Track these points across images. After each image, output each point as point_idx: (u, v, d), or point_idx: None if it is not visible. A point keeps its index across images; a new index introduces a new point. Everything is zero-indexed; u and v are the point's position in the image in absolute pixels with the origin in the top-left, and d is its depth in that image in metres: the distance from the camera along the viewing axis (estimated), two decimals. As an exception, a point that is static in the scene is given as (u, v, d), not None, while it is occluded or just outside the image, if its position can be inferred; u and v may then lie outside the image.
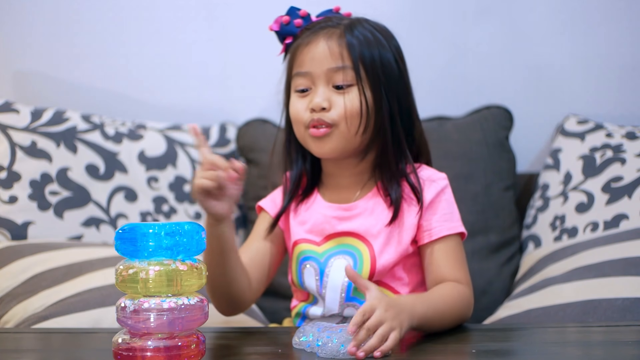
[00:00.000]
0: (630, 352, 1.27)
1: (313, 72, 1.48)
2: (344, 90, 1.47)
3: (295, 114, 1.50)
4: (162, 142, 2.14)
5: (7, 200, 1.94)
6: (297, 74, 1.50)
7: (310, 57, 1.48)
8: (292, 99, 1.52)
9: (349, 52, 1.47)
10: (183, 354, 1.15)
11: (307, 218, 1.55)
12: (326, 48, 1.47)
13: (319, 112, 1.47)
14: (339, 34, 1.48)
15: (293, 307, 1.59)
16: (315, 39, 1.49)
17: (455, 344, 1.35)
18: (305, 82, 1.49)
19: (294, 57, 1.51)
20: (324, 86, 1.48)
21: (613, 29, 2.26)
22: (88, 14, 2.28)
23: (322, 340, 1.23)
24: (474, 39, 2.29)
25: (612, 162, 2.03)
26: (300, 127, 1.50)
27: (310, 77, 1.49)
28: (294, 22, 1.52)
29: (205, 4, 2.30)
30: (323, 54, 1.47)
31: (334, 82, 1.47)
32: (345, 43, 1.47)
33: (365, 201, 1.52)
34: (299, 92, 1.50)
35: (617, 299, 1.66)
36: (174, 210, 2.09)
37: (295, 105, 1.51)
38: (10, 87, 2.26)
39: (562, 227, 2.02)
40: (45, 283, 1.75)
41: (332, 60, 1.47)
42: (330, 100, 1.47)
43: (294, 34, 1.53)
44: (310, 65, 1.48)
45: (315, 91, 1.48)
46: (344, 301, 1.49)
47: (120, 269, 1.16)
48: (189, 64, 2.30)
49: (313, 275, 1.52)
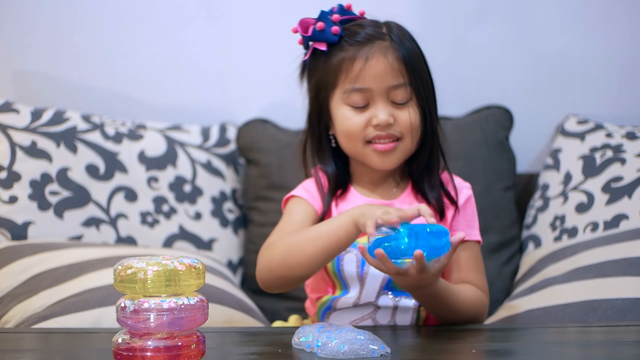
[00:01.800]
0: (630, 353, 1.27)
1: (374, 88, 1.50)
2: (402, 105, 1.51)
3: (352, 128, 1.52)
4: (162, 142, 2.14)
5: (7, 200, 1.94)
6: (356, 90, 1.51)
7: (372, 74, 1.49)
8: (345, 112, 1.53)
9: (406, 68, 1.50)
10: (183, 354, 1.15)
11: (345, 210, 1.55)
12: (387, 65, 1.50)
13: (385, 127, 1.50)
14: (394, 49, 1.50)
15: (317, 298, 1.58)
16: (372, 54, 1.50)
17: (455, 343, 1.35)
18: (364, 98, 1.51)
19: (347, 70, 1.51)
20: (385, 102, 1.51)
21: (613, 29, 2.26)
22: (88, 14, 2.28)
23: (322, 340, 1.24)
24: (474, 39, 2.29)
25: (612, 162, 2.03)
26: (358, 142, 1.53)
27: (370, 93, 1.51)
28: (331, 29, 1.51)
29: (205, 4, 2.30)
30: (384, 71, 1.50)
31: (394, 99, 1.51)
32: (402, 59, 1.50)
33: (403, 199, 1.57)
34: (355, 107, 1.52)
35: (617, 299, 1.67)
36: (174, 210, 2.09)
37: (351, 120, 1.52)
38: (10, 87, 2.26)
39: (562, 227, 2.02)
40: (45, 283, 1.75)
41: (392, 78, 1.50)
42: (393, 116, 1.50)
43: (330, 41, 1.52)
44: (372, 82, 1.50)
45: (376, 107, 1.51)
46: (382, 289, 1.52)
47: (119, 269, 1.16)
48: (189, 63, 2.30)
49: (354, 262, 1.52)
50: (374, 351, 1.23)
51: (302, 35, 1.54)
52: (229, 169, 2.20)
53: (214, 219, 2.13)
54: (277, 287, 1.50)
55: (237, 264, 2.14)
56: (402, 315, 1.53)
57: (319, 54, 1.54)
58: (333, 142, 1.58)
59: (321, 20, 1.52)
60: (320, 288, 1.59)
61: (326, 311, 1.57)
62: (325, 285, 1.58)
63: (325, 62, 1.53)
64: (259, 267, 1.50)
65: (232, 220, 2.16)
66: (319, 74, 1.55)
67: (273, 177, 2.14)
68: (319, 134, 1.58)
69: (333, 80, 1.53)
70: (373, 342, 1.24)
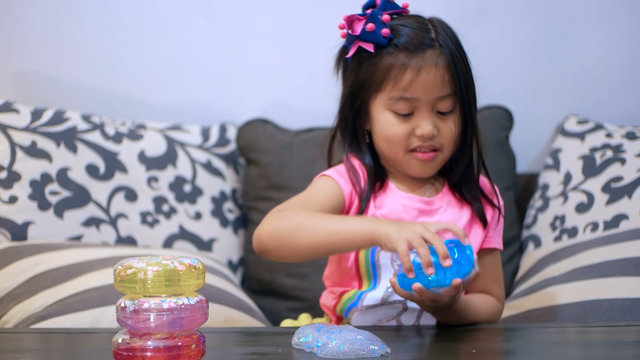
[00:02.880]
0: (630, 353, 1.27)
1: (422, 99, 1.48)
2: (445, 114, 1.49)
3: (395, 136, 1.49)
4: (162, 142, 2.14)
5: (7, 200, 1.94)
6: (403, 99, 1.48)
7: (422, 86, 1.47)
8: (389, 118, 1.50)
9: (453, 78, 1.48)
10: (183, 354, 1.15)
11: (384, 203, 1.54)
12: (438, 77, 1.47)
13: (428, 139, 1.48)
14: (444, 59, 1.48)
15: (342, 293, 1.55)
16: (424, 65, 1.47)
17: (455, 344, 1.35)
18: (409, 107, 1.48)
19: (397, 78, 1.48)
20: (430, 112, 1.48)
21: (613, 29, 2.26)
22: (88, 14, 2.28)
23: (322, 341, 1.23)
24: (473, 38, 2.28)
25: (612, 162, 2.03)
26: (400, 150, 1.50)
27: (417, 103, 1.48)
28: (382, 32, 1.47)
29: (205, 4, 2.30)
30: (434, 83, 1.47)
31: (439, 109, 1.49)
32: (450, 68, 1.48)
33: (441, 198, 1.55)
34: (399, 114, 1.49)
35: (617, 300, 1.67)
36: (174, 210, 2.09)
37: (394, 127, 1.49)
38: (10, 87, 2.26)
39: (562, 227, 2.02)
40: (45, 283, 1.75)
41: (440, 89, 1.47)
42: (437, 127, 1.49)
43: (379, 44, 1.48)
44: (421, 92, 1.47)
45: (420, 117, 1.48)
46: None
47: (119, 269, 1.16)
48: (189, 63, 2.30)
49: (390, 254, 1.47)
50: (374, 351, 1.23)
51: (348, 33, 1.50)
52: (229, 169, 2.20)
53: (214, 219, 2.13)
54: (270, 254, 1.46)
55: (237, 263, 2.14)
56: (425, 319, 1.51)
57: (363, 53, 1.50)
58: (367, 139, 1.55)
59: (372, 21, 1.47)
60: (344, 281, 1.55)
61: (353, 306, 1.52)
62: (350, 278, 1.54)
63: (372, 64, 1.50)
64: (262, 227, 1.46)
65: (232, 220, 2.16)
66: (362, 74, 1.51)
67: (273, 177, 2.14)
68: (353, 129, 1.55)
69: (379, 84, 1.49)
70: (373, 342, 1.24)
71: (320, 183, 1.54)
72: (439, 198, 1.55)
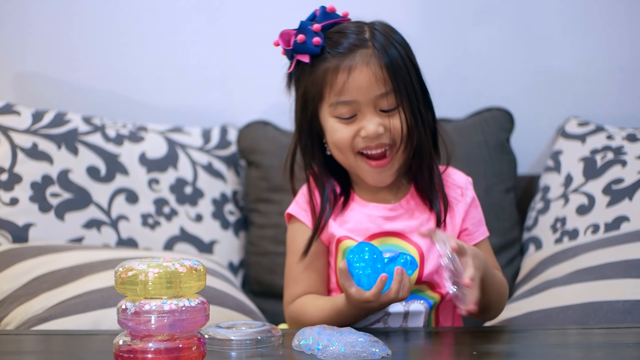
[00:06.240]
0: (631, 355, 1.27)
1: (360, 100, 1.48)
2: (390, 111, 1.49)
3: (341, 140, 1.50)
4: (163, 144, 2.14)
5: (8, 202, 1.94)
6: (341, 103, 1.48)
7: (356, 86, 1.47)
8: (334, 125, 1.50)
9: (390, 75, 1.47)
10: (184, 356, 1.15)
11: (349, 218, 1.55)
12: (371, 75, 1.47)
13: (375, 138, 1.48)
14: (377, 57, 1.47)
15: None
16: (354, 65, 1.47)
17: (456, 345, 1.35)
18: (350, 109, 1.49)
19: (332, 83, 1.48)
20: (372, 112, 1.48)
21: (613, 31, 2.26)
22: (88, 15, 2.28)
23: (322, 343, 1.23)
24: (475, 41, 2.29)
25: (612, 164, 2.03)
26: (349, 154, 1.51)
27: (357, 105, 1.48)
28: (313, 40, 1.48)
29: (205, 5, 2.30)
30: (369, 82, 1.47)
31: (381, 107, 1.48)
32: (385, 67, 1.47)
33: (406, 202, 1.56)
34: (343, 119, 1.50)
35: (618, 302, 1.66)
36: (175, 212, 2.09)
37: (339, 132, 1.50)
38: (11, 89, 2.26)
39: (562, 229, 2.02)
40: (46, 285, 1.75)
41: (377, 88, 1.47)
42: (382, 125, 1.48)
43: (312, 53, 1.49)
44: (357, 94, 1.47)
45: (364, 118, 1.49)
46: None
47: (120, 271, 1.16)
48: (189, 65, 2.31)
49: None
50: (375, 353, 1.23)
51: (284, 48, 1.52)
52: (229, 171, 2.20)
53: (214, 221, 2.13)
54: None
55: (238, 266, 2.14)
56: (413, 320, 1.52)
57: (302, 66, 1.51)
58: (328, 151, 1.56)
59: (302, 32, 1.49)
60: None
61: None
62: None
63: (310, 73, 1.51)
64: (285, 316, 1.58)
65: (233, 222, 2.16)
66: (304, 86, 1.52)
67: (274, 179, 2.14)
68: (311, 144, 1.56)
69: (320, 93, 1.50)
70: (374, 344, 1.24)
71: (293, 234, 1.59)
72: (404, 203, 1.55)
